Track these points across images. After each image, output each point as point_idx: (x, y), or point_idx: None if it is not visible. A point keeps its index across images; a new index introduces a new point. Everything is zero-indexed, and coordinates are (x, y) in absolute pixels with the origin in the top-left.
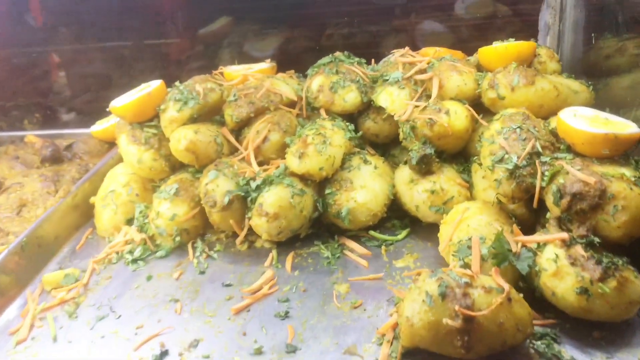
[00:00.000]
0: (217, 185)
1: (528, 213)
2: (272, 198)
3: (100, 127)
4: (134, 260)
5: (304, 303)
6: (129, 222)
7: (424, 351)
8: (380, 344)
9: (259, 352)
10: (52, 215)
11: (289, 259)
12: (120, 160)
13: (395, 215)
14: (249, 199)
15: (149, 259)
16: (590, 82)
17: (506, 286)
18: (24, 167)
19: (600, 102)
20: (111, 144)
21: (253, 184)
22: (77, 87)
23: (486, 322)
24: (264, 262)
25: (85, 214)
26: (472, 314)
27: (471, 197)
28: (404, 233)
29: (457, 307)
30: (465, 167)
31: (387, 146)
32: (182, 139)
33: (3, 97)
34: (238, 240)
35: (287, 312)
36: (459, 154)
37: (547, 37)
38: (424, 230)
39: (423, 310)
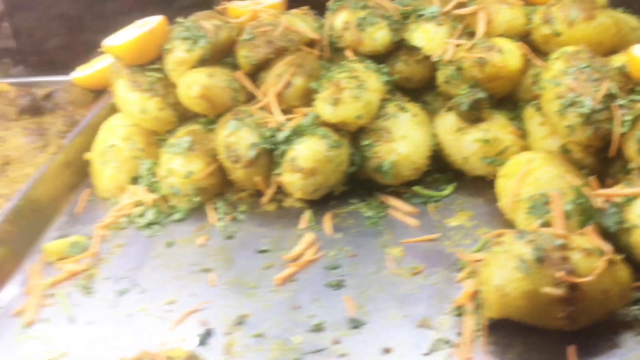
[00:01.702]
0: (240, 138)
1: (596, 163)
2: (307, 151)
3: (83, 73)
4: (148, 225)
5: (356, 270)
6: (134, 180)
7: (511, 322)
8: (457, 315)
9: (319, 328)
10: (46, 175)
11: (327, 220)
12: (112, 110)
13: (436, 169)
14: (277, 152)
15: (165, 222)
16: None
17: (608, 247)
18: (3, 119)
19: None
20: (96, 92)
21: (280, 135)
22: (45, 30)
23: (591, 289)
24: (298, 224)
25: (78, 173)
26: (578, 280)
27: (526, 147)
28: (450, 188)
29: (559, 274)
30: (516, 113)
31: (418, 92)
32: (195, 84)
33: None
34: (264, 200)
35: (340, 282)
36: (505, 99)
37: None
38: (470, 184)
39: (517, 278)
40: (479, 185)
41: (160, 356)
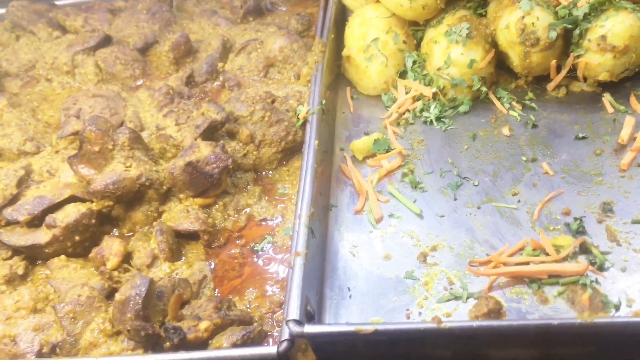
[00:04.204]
0: (537, 18)
1: None
2: (620, 27)
3: None
4: (438, 119)
5: None
6: (401, 75)
7: None
8: None
9: None
10: (325, 74)
11: (635, 102)
12: (339, 4)
13: None
14: (577, 32)
15: (451, 115)
16: None
17: None
18: (229, 22)
19: None
20: None
21: (578, 13)
22: None
23: None
24: (602, 109)
25: (331, 71)
26: None
27: None
28: None
29: None
30: None
31: None
32: None
33: None
34: (552, 85)
35: None
36: None
37: None
38: None
39: None
40: None
41: (547, 244)
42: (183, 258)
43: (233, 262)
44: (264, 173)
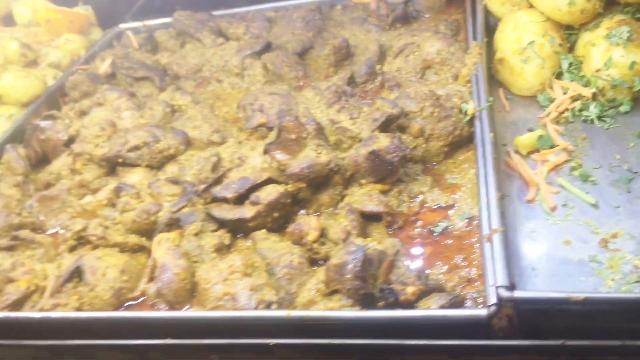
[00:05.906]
0: None
1: None
2: None
3: None
4: (599, 118)
5: None
6: (556, 77)
7: None
8: None
9: None
10: (485, 75)
11: None
12: (485, 11)
13: None
14: None
15: (612, 115)
16: None
17: None
18: (379, 29)
19: None
20: None
21: None
22: None
23: None
24: None
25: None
26: None
27: None
28: None
29: None
30: None
31: None
32: None
33: None
34: None
35: None
36: None
37: None
38: None
39: None
40: None
41: None
42: (369, 237)
43: (414, 243)
44: (430, 165)
